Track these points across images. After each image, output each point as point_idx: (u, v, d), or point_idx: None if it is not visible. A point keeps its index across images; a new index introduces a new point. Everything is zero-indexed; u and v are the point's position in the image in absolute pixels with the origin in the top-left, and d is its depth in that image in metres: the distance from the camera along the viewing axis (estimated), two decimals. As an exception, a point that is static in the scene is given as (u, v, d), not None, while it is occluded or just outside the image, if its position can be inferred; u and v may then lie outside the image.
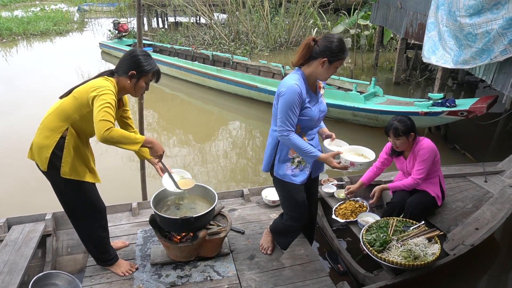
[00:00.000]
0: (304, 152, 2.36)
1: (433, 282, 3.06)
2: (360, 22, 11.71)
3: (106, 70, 2.38)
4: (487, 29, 4.37)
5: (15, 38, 16.08)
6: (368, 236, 2.72)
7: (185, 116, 7.57)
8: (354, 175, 4.07)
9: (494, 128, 5.87)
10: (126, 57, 2.31)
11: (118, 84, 2.31)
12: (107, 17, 21.15)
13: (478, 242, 2.78)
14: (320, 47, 2.26)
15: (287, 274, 2.71)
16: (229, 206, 3.53)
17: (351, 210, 3.27)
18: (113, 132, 2.06)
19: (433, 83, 6.71)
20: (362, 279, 2.88)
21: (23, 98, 8.25)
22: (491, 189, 3.40)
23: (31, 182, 4.56)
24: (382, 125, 5.95)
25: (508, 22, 4.09)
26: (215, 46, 12.90)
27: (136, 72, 2.28)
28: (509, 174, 3.58)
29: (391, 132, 3.03)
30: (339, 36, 2.31)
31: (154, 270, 2.70)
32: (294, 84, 2.28)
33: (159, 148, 2.34)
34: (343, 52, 2.27)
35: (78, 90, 2.25)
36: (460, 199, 3.34)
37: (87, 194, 2.44)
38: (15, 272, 2.56)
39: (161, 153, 2.37)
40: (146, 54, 2.34)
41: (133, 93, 2.38)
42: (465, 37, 4.79)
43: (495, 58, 4.33)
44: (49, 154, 2.25)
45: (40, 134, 2.29)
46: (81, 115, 2.25)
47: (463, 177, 3.68)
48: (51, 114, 2.29)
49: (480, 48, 4.54)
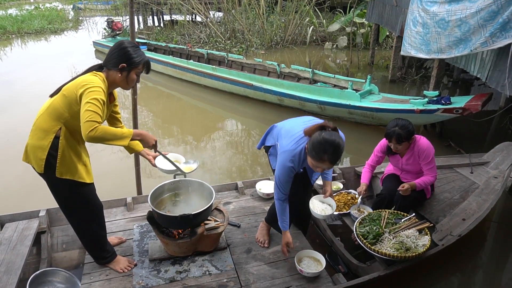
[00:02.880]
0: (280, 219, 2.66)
1: (423, 271, 3.14)
2: (356, 20, 11.75)
3: (94, 65, 2.32)
4: (460, 16, 4.36)
5: (9, 37, 16.00)
6: (361, 229, 2.82)
7: (180, 115, 7.57)
8: (345, 166, 4.18)
9: (489, 125, 5.92)
10: (115, 50, 2.26)
11: (108, 78, 2.27)
12: (102, 15, 21.10)
13: (465, 233, 2.89)
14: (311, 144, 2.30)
15: (284, 267, 2.74)
16: (224, 200, 3.55)
17: (344, 202, 3.33)
18: (99, 131, 2.03)
19: (429, 81, 6.74)
20: (355, 269, 2.93)
21: (16, 96, 8.20)
22: (477, 180, 3.50)
23: (23, 181, 4.55)
24: (378, 123, 5.99)
25: (490, 14, 4.07)
26: (211, 44, 12.89)
27: (127, 64, 2.24)
28: (494, 165, 3.69)
29: (394, 139, 3.06)
30: (333, 145, 2.24)
31: (153, 265, 2.71)
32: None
33: (149, 138, 2.33)
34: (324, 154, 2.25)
35: (67, 87, 2.20)
36: (447, 190, 3.45)
37: (84, 193, 2.42)
38: (12, 271, 2.53)
39: (153, 142, 2.36)
40: (135, 45, 2.30)
41: (125, 85, 2.33)
42: (436, 24, 4.75)
43: (475, 50, 4.32)
44: (45, 156, 2.21)
45: (33, 136, 2.25)
46: (71, 113, 2.19)
47: (450, 168, 3.78)
48: (43, 114, 2.24)
49: (458, 38, 4.52)
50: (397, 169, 3.40)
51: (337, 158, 2.25)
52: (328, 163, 2.26)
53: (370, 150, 3.55)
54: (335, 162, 2.27)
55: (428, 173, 3.15)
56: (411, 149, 3.16)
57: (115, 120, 2.65)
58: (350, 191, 3.48)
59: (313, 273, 2.59)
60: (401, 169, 3.34)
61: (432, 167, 3.14)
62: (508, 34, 3.99)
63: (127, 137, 2.16)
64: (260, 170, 5.25)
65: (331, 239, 3.28)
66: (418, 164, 3.19)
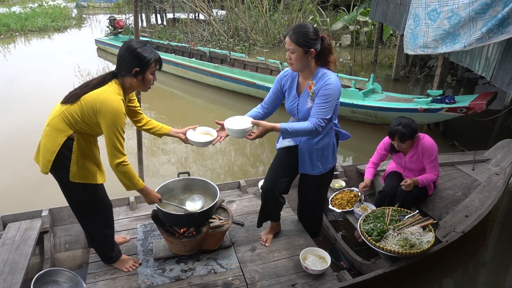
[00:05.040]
0: None
1: (427, 267, 3.15)
2: (359, 19, 11.70)
3: (108, 73, 2.29)
4: (452, 7, 4.27)
5: (12, 35, 16.03)
6: (365, 226, 2.83)
7: (182, 113, 7.57)
8: (348, 164, 4.19)
9: (494, 124, 5.90)
10: (125, 55, 2.21)
11: (124, 84, 2.27)
12: (105, 13, 21.10)
13: (469, 229, 2.91)
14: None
15: (289, 265, 2.74)
16: (227, 198, 3.55)
17: (347, 200, 3.34)
18: (125, 169, 2.25)
19: (433, 80, 6.72)
20: (359, 267, 2.94)
21: (20, 94, 8.21)
22: (479, 177, 3.52)
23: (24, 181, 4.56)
24: (381, 122, 5.97)
25: (482, 6, 3.98)
26: (213, 42, 12.88)
27: (140, 68, 2.21)
28: (495, 162, 3.71)
29: (397, 138, 3.06)
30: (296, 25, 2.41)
31: (158, 264, 2.71)
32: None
33: (153, 198, 2.52)
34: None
35: (86, 99, 2.17)
36: (449, 187, 3.47)
37: (97, 193, 2.45)
38: (16, 271, 2.54)
39: (156, 201, 2.54)
40: (142, 43, 2.26)
41: (143, 88, 2.33)
42: (427, 15, 4.65)
43: (470, 46, 4.23)
44: (53, 157, 2.22)
45: (46, 135, 2.26)
46: (87, 122, 2.22)
47: (452, 165, 3.79)
48: (57, 116, 2.23)
49: (446, 31, 4.42)
50: (400, 167, 3.41)
51: (294, 32, 2.32)
52: (287, 37, 2.34)
53: (372, 148, 3.56)
54: (291, 36, 2.33)
55: (430, 171, 3.16)
56: (415, 147, 3.17)
57: (135, 113, 2.65)
58: (353, 189, 3.49)
59: (318, 271, 2.59)
60: (404, 167, 3.35)
61: (435, 165, 3.15)
62: (505, 30, 3.94)
63: (137, 188, 2.37)
64: (262, 168, 5.25)
65: (334, 236, 3.30)
66: (421, 162, 3.20)
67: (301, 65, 2.41)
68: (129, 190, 2.36)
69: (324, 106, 2.36)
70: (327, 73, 2.41)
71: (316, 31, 2.35)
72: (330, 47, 2.44)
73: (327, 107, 2.37)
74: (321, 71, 2.43)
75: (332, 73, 2.42)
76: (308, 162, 2.68)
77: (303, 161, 2.71)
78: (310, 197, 2.96)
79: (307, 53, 2.35)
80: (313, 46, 2.34)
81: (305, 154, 2.66)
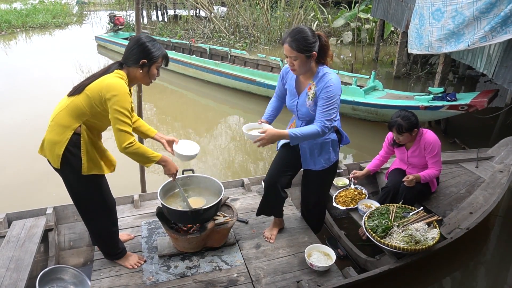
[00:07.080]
0: None
1: (431, 263, 3.18)
2: (360, 16, 11.68)
3: (114, 63, 2.33)
4: (456, 6, 4.25)
5: (14, 31, 16.02)
6: (370, 223, 2.84)
7: (183, 111, 7.57)
8: (350, 162, 4.19)
9: (495, 122, 5.91)
10: (134, 46, 2.25)
11: (129, 75, 2.30)
12: (106, 9, 21.07)
13: (473, 226, 2.93)
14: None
15: (293, 261, 2.76)
16: (231, 196, 3.57)
17: (351, 198, 3.36)
18: (134, 147, 2.20)
19: (434, 77, 6.72)
20: (363, 264, 2.95)
21: (22, 90, 8.21)
22: (482, 175, 3.55)
23: (28, 178, 4.57)
24: (382, 119, 5.98)
25: (487, 5, 3.95)
26: (214, 39, 12.87)
27: (147, 60, 2.25)
28: (499, 159, 3.74)
29: (395, 129, 3.09)
30: (293, 29, 2.40)
31: (162, 261, 2.73)
32: None
33: (172, 167, 2.45)
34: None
35: (91, 88, 2.20)
36: (453, 185, 3.49)
37: (102, 189, 2.46)
38: (21, 268, 2.55)
39: (174, 171, 2.48)
40: (152, 39, 2.31)
41: (146, 81, 2.36)
42: (432, 14, 4.63)
43: (473, 45, 4.20)
44: (61, 151, 2.23)
45: (51, 131, 2.26)
46: (93, 113, 2.23)
47: (455, 163, 3.81)
48: (63, 110, 2.25)
49: (451, 31, 4.41)
50: (403, 163, 3.44)
51: (292, 39, 2.30)
52: (286, 45, 2.33)
53: (374, 146, 3.58)
54: (291, 43, 2.31)
55: (432, 166, 3.18)
56: (417, 142, 3.20)
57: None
58: (357, 186, 3.51)
59: (323, 267, 2.61)
60: (407, 162, 3.37)
61: (437, 161, 3.17)
62: (509, 29, 3.91)
63: (154, 161, 2.32)
64: (264, 166, 5.26)
65: (338, 234, 3.32)
66: (423, 158, 3.22)
67: (305, 69, 2.44)
68: (147, 166, 2.39)
69: (328, 108, 2.39)
70: (328, 73, 2.43)
71: (314, 33, 2.36)
72: (327, 44, 2.46)
73: (331, 108, 2.40)
74: (321, 71, 2.46)
75: (332, 72, 2.45)
76: (309, 157, 2.71)
77: (305, 157, 2.74)
78: (313, 193, 2.99)
79: (309, 58, 2.37)
80: (314, 49, 2.36)
81: (306, 150, 2.70)
